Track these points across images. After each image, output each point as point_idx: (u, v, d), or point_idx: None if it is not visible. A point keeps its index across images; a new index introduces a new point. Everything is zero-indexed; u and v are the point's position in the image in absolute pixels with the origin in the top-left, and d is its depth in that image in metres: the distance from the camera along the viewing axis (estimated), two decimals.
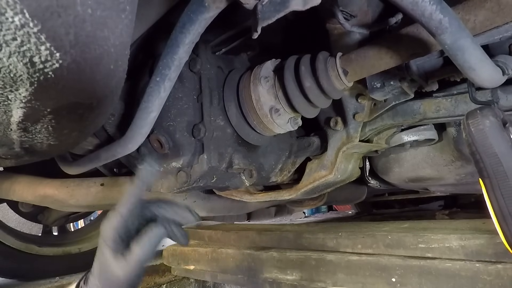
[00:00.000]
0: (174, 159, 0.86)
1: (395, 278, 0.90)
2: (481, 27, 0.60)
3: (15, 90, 0.39)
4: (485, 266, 0.79)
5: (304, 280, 1.07)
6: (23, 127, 0.49)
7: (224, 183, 0.96)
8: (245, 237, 1.32)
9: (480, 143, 0.57)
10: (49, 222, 1.73)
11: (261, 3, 0.56)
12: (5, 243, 1.57)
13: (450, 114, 0.87)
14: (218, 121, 0.90)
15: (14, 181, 1.25)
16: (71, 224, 2.63)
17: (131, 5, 0.43)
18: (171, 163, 0.87)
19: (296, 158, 1.11)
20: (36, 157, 0.65)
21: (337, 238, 1.06)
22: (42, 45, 0.34)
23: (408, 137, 1.03)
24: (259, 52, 1.04)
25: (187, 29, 0.66)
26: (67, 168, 0.88)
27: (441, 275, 0.83)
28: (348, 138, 0.97)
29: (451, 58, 0.55)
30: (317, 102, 0.84)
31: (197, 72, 0.89)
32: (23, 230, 1.77)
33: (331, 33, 0.91)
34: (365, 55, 0.73)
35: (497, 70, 0.57)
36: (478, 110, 0.59)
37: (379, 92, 0.84)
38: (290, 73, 0.84)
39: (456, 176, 1.15)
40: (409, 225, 1.12)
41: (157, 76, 0.69)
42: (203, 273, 1.41)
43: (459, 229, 0.93)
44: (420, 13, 0.50)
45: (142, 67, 0.85)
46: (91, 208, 1.43)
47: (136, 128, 0.70)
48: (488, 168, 0.56)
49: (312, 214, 4.11)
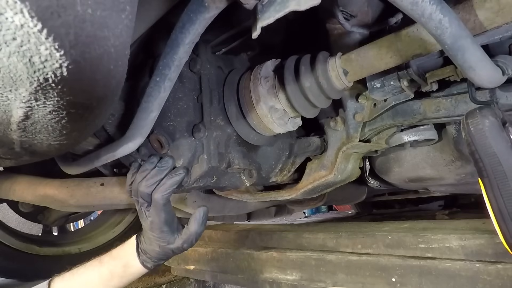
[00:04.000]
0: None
1: (395, 278, 0.90)
2: (481, 27, 0.60)
3: (15, 90, 0.39)
4: (485, 266, 0.79)
5: (304, 280, 1.07)
6: (23, 127, 0.49)
7: (224, 183, 0.96)
8: (245, 237, 1.32)
9: (480, 143, 0.57)
10: (49, 222, 1.73)
11: (261, 3, 0.56)
12: (5, 243, 1.56)
13: (450, 114, 0.87)
14: (218, 121, 0.90)
15: (14, 181, 1.25)
16: (71, 224, 2.63)
17: (131, 5, 0.43)
18: None
19: (296, 158, 1.11)
20: (36, 157, 0.65)
21: (337, 238, 1.06)
22: (42, 45, 0.34)
23: (408, 137, 1.03)
24: (259, 52, 1.04)
25: (187, 29, 0.66)
26: (67, 168, 0.87)
27: (441, 275, 0.83)
28: (348, 138, 0.97)
29: (451, 58, 0.55)
30: (317, 102, 0.84)
31: (197, 72, 0.89)
32: (23, 230, 1.77)
33: (331, 33, 0.91)
34: (365, 55, 0.73)
35: (497, 70, 0.57)
36: (477, 110, 0.59)
37: (379, 92, 0.84)
38: (290, 73, 0.84)
39: (456, 176, 1.15)
40: (409, 225, 1.12)
41: (157, 76, 0.69)
42: (203, 273, 1.41)
43: (459, 229, 0.93)
44: (420, 13, 0.50)
45: (142, 67, 0.85)
46: (91, 208, 1.43)
47: (136, 128, 0.70)
48: (488, 168, 0.56)
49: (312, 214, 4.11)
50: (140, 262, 0.81)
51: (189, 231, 0.79)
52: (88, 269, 0.82)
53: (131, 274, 0.82)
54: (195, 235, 0.79)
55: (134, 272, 0.82)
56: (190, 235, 0.79)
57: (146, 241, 0.80)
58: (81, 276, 0.81)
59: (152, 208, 0.76)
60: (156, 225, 0.77)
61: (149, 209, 0.76)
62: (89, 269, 0.82)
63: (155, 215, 0.76)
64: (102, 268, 0.82)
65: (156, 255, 0.80)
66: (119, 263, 0.82)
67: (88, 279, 0.81)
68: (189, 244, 0.80)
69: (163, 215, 0.76)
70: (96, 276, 0.81)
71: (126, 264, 0.81)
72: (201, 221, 0.79)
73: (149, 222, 0.77)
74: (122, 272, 0.81)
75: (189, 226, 0.79)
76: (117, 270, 0.81)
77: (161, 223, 0.76)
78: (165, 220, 0.76)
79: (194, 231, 0.79)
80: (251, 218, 2.67)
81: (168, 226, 0.77)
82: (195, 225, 0.79)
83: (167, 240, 0.78)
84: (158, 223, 0.76)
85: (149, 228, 0.78)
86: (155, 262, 0.82)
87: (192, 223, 0.79)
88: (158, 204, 0.75)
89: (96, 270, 0.82)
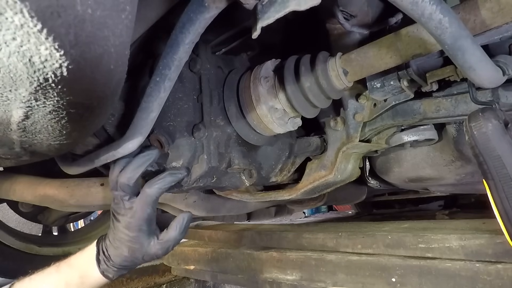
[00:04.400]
0: (174, 159, 0.86)
1: (395, 278, 0.90)
2: (481, 27, 0.60)
3: (15, 90, 0.39)
4: (485, 266, 0.78)
5: (304, 280, 1.07)
6: (23, 127, 0.49)
7: (224, 183, 0.96)
8: (245, 237, 1.32)
9: (483, 146, 0.57)
10: (49, 222, 1.73)
11: (261, 3, 0.56)
12: (5, 243, 1.57)
13: (450, 114, 0.87)
14: (218, 121, 0.90)
15: (14, 181, 1.25)
16: (71, 224, 2.63)
17: (131, 5, 0.43)
18: (171, 163, 0.87)
19: (296, 158, 1.11)
20: (36, 157, 0.65)
21: (337, 238, 1.06)
22: (42, 45, 0.34)
23: (408, 137, 1.03)
24: (259, 52, 1.04)
25: (187, 29, 0.66)
26: (67, 168, 0.87)
27: (441, 275, 0.83)
28: (348, 138, 0.97)
29: (451, 58, 0.55)
30: (317, 102, 0.84)
31: (197, 72, 0.89)
32: (23, 230, 1.77)
33: (331, 33, 0.91)
34: (365, 55, 0.73)
35: (497, 70, 0.57)
36: (480, 112, 0.59)
37: (379, 92, 0.84)
38: (290, 73, 0.83)
39: (456, 176, 1.15)
40: (409, 225, 1.12)
41: (157, 76, 0.69)
42: (203, 273, 1.41)
43: (459, 229, 0.93)
44: (420, 13, 0.50)
45: (142, 67, 0.85)
46: (91, 208, 1.43)
47: (136, 128, 0.70)
48: (492, 170, 0.57)
49: (312, 214, 4.11)
50: (100, 272, 0.73)
51: (167, 236, 0.73)
52: (45, 276, 0.75)
53: (89, 285, 0.74)
54: (173, 241, 0.73)
55: (93, 283, 0.74)
56: (168, 240, 0.73)
57: (115, 243, 0.72)
58: (38, 284, 0.74)
59: (138, 202, 0.70)
60: (135, 222, 0.70)
61: (131, 202, 0.70)
62: (46, 276, 0.75)
63: (140, 210, 0.70)
64: (60, 276, 0.74)
65: (121, 261, 0.72)
66: (75, 273, 0.74)
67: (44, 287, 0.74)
68: (164, 251, 0.74)
69: (149, 211, 0.70)
70: (52, 286, 0.73)
71: (84, 275, 0.74)
72: (183, 228, 0.73)
73: (127, 219, 0.70)
74: (79, 283, 0.73)
75: (169, 231, 0.73)
76: (73, 281, 0.73)
77: (143, 220, 0.70)
78: (148, 217, 0.70)
79: (174, 237, 0.73)
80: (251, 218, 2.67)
81: (147, 225, 0.71)
82: (175, 230, 0.73)
83: (141, 243, 0.71)
84: (139, 219, 0.70)
85: (125, 225, 0.71)
86: (116, 271, 0.74)
87: (172, 228, 0.73)
88: (149, 198, 0.70)
89: (53, 278, 0.74)
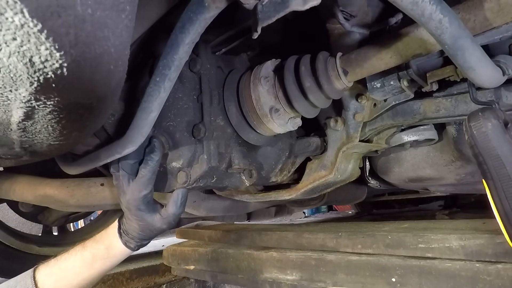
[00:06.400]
0: (174, 159, 0.86)
1: (395, 278, 0.90)
2: (481, 27, 0.60)
3: (15, 90, 0.39)
4: (485, 266, 0.78)
5: (304, 280, 1.07)
6: (23, 127, 0.49)
7: (224, 183, 0.96)
8: (245, 237, 1.32)
9: (483, 146, 0.57)
10: (49, 222, 1.73)
11: (261, 3, 0.56)
12: (5, 243, 1.56)
13: (450, 114, 0.87)
14: (218, 121, 0.90)
15: (14, 181, 1.25)
16: (71, 224, 2.63)
17: (131, 5, 0.43)
18: (171, 163, 0.87)
19: (296, 158, 1.11)
20: (36, 157, 0.65)
21: (337, 238, 1.05)
22: (42, 45, 0.34)
23: (408, 137, 1.03)
24: (259, 52, 1.04)
25: (187, 29, 0.66)
26: (67, 168, 0.87)
27: (441, 275, 0.83)
28: (348, 138, 0.97)
29: (451, 58, 0.55)
30: (317, 102, 0.84)
31: (197, 72, 0.89)
32: (23, 230, 1.77)
33: (331, 33, 0.91)
34: (365, 55, 0.73)
35: (497, 70, 0.57)
36: (480, 112, 0.59)
37: (379, 92, 0.84)
38: (290, 73, 0.84)
39: (456, 176, 1.15)
40: (409, 225, 1.12)
41: (157, 76, 0.69)
42: (203, 273, 1.41)
43: (459, 229, 0.93)
44: (420, 13, 0.50)
45: (142, 67, 0.85)
46: (91, 208, 1.43)
47: (136, 128, 0.70)
48: (492, 170, 0.56)
49: (312, 214, 4.12)
50: (123, 243, 0.81)
51: (167, 213, 0.80)
52: (71, 254, 0.82)
53: (114, 255, 0.82)
54: (173, 216, 0.80)
55: (117, 254, 0.82)
56: (168, 216, 0.79)
57: (127, 220, 0.80)
58: (65, 261, 0.81)
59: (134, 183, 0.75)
60: (133, 202, 0.76)
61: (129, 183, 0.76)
62: (72, 254, 0.82)
63: (136, 190, 0.75)
64: (85, 251, 0.82)
65: (137, 234, 0.80)
66: (101, 245, 0.82)
67: (71, 263, 0.81)
68: (168, 226, 0.81)
69: (144, 192, 0.75)
70: (78, 260, 0.81)
71: (109, 246, 0.82)
72: (179, 203, 0.80)
73: (127, 198, 0.77)
74: (105, 254, 0.81)
75: (168, 208, 0.80)
76: (99, 253, 0.81)
77: (139, 200, 0.76)
78: (143, 197, 0.76)
79: (172, 212, 0.79)
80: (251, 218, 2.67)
81: (145, 205, 0.77)
82: (173, 206, 0.80)
83: (145, 220, 0.78)
84: (136, 199, 0.76)
85: (126, 205, 0.77)
86: (137, 243, 0.82)
87: (170, 204, 0.80)
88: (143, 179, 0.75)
89: (79, 254, 0.82)
